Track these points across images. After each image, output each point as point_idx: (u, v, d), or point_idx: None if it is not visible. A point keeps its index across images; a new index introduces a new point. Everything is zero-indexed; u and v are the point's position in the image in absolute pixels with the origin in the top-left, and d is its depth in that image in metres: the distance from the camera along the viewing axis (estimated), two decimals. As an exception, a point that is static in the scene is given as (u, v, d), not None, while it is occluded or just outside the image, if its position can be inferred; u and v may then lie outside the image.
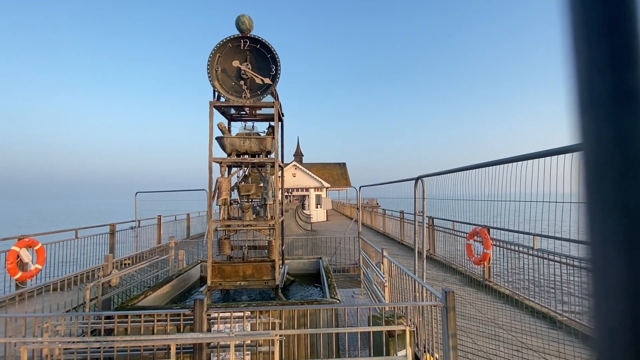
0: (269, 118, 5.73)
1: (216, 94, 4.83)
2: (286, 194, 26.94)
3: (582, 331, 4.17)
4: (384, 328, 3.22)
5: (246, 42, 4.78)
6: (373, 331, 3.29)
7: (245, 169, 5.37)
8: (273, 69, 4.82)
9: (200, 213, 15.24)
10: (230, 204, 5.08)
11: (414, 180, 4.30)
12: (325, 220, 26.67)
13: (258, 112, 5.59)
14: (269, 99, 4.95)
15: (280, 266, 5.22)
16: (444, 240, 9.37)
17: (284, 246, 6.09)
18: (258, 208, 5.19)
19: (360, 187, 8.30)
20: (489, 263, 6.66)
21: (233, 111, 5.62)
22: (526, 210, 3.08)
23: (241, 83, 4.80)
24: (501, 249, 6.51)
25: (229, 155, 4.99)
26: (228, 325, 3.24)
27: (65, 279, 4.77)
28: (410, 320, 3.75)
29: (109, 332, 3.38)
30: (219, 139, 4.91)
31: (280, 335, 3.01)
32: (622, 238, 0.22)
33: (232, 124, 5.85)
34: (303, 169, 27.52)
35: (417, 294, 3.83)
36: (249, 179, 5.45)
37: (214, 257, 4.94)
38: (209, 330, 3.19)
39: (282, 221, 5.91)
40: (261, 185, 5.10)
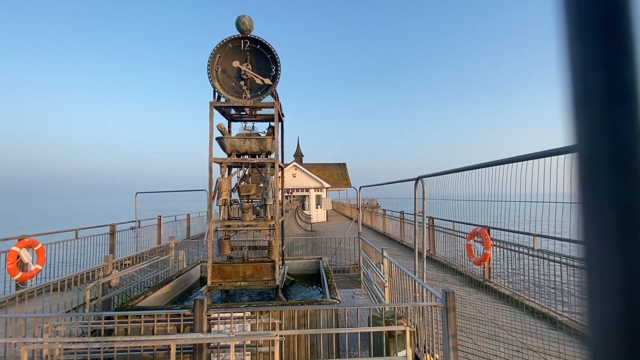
0: (269, 118, 5.73)
1: (216, 94, 4.84)
2: (286, 194, 26.94)
3: (583, 332, 4.16)
4: (384, 328, 3.22)
5: (246, 43, 4.78)
6: (373, 331, 3.29)
7: (246, 169, 5.37)
8: (273, 70, 4.82)
9: (200, 213, 15.25)
10: (231, 204, 5.09)
11: (414, 181, 4.30)
12: (326, 220, 26.67)
13: (258, 113, 5.60)
14: (269, 99, 4.95)
15: (281, 266, 5.21)
16: (444, 241, 9.36)
17: (284, 246, 6.09)
18: (258, 208, 5.19)
19: (360, 188, 8.30)
20: (489, 263, 6.66)
21: (233, 111, 5.63)
22: (526, 211, 3.08)
23: (241, 83, 4.80)
24: (501, 250, 6.50)
25: (229, 155, 5.00)
26: (228, 326, 3.24)
27: (66, 279, 4.77)
28: (411, 321, 3.75)
29: (109, 333, 3.38)
30: (219, 140, 4.91)
31: (280, 336, 3.01)
32: (616, 236, 0.22)
33: (232, 124, 5.85)
34: (303, 169, 27.53)
35: (417, 295, 3.83)
36: (249, 180, 5.45)
37: (214, 258, 4.94)
38: (209, 331, 3.19)
39: (282, 221, 5.91)
40: (261, 185, 5.10)
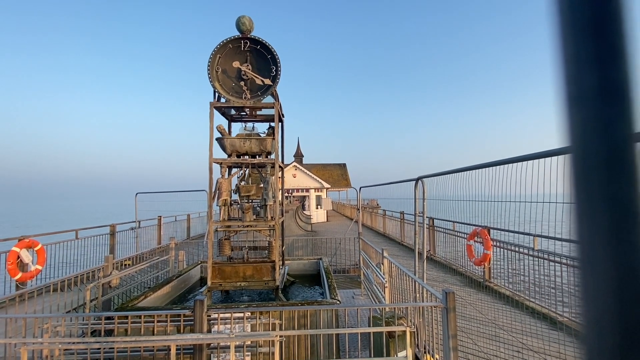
0: (269, 119, 5.74)
1: (216, 94, 4.84)
2: (286, 194, 26.94)
3: (579, 330, 4.16)
4: (384, 329, 3.21)
5: (246, 43, 4.79)
6: (373, 332, 3.29)
7: (246, 169, 5.37)
8: (273, 70, 4.83)
9: (200, 214, 15.25)
10: (231, 204, 5.09)
11: (414, 181, 4.30)
12: (326, 221, 26.67)
13: (258, 113, 5.60)
14: (269, 99, 4.96)
15: (281, 267, 5.21)
16: (444, 241, 9.36)
17: (284, 247, 6.09)
18: (258, 209, 5.19)
19: (360, 188, 8.30)
20: (489, 264, 6.65)
21: (233, 112, 5.63)
22: (526, 211, 3.08)
23: (241, 84, 4.80)
24: (501, 250, 6.50)
25: (229, 156, 5.00)
26: (228, 326, 3.24)
27: (66, 279, 4.77)
28: (411, 321, 3.75)
29: (109, 333, 3.39)
30: (219, 140, 4.92)
31: (280, 336, 3.00)
32: (609, 235, 0.23)
33: (233, 124, 5.86)
34: (303, 169, 27.53)
35: (418, 295, 3.82)
36: (249, 180, 5.45)
37: (214, 258, 4.94)
38: (209, 331, 3.19)
39: (282, 222, 5.91)
40: (261, 186, 5.10)
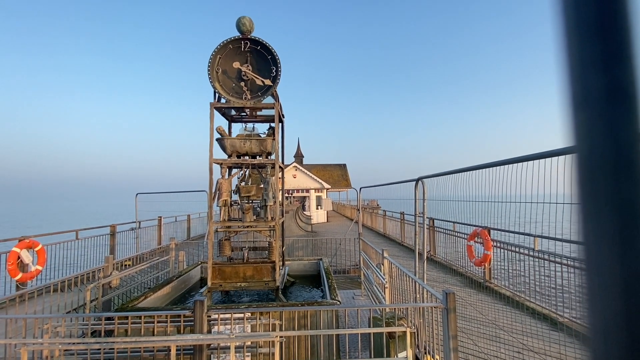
0: (269, 119, 5.74)
1: (217, 95, 4.84)
2: (286, 195, 26.94)
3: (583, 333, 4.16)
4: (385, 329, 3.21)
5: (247, 44, 4.79)
6: (373, 332, 3.29)
7: (246, 170, 5.37)
8: (273, 70, 4.83)
9: (200, 214, 15.25)
10: (231, 205, 5.09)
11: (415, 182, 4.30)
12: (326, 221, 26.66)
13: (258, 114, 5.60)
14: (269, 100, 4.96)
15: (281, 267, 5.21)
16: (444, 242, 9.35)
17: (284, 247, 6.09)
18: (258, 209, 5.19)
19: (360, 189, 8.30)
20: (490, 264, 6.65)
21: (233, 112, 5.63)
22: (527, 212, 3.08)
23: (242, 84, 4.81)
24: (502, 250, 6.49)
25: (230, 156, 5.00)
26: (228, 327, 3.23)
27: (66, 280, 4.77)
28: (411, 322, 3.75)
29: (109, 334, 3.38)
30: (219, 140, 4.92)
31: (280, 337, 3.00)
32: (616, 236, 0.22)
33: (233, 125, 5.86)
34: (303, 170, 27.53)
35: (418, 296, 3.82)
36: (250, 181, 5.45)
37: (215, 259, 4.94)
38: (209, 332, 3.18)
39: (283, 222, 5.90)
40: (261, 186, 5.10)
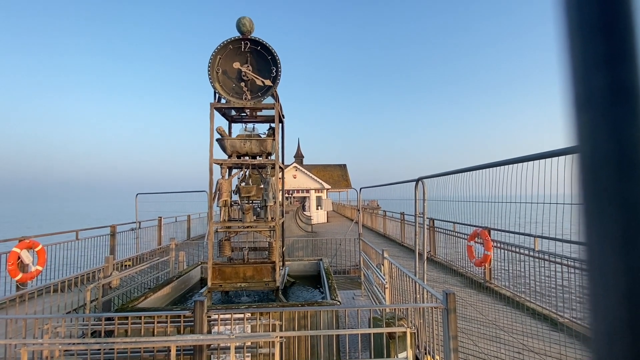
0: (269, 119, 5.74)
1: (217, 95, 4.84)
2: (287, 195, 26.94)
3: (584, 333, 4.16)
4: (385, 330, 3.21)
5: (247, 44, 4.79)
6: (374, 333, 3.28)
7: (246, 170, 5.37)
8: (273, 71, 4.83)
9: (200, 214, 15.24)
10: (231, 205, 5.08)
11: (415, 182, 4.30)
12: (326, 221, 26.66)
13: (258, 114, 5.60)
14: (269, 100, 4.96)
15: (281, 268, 5.21)
16: (444, 242, 9.35)
17: (284, 248, 6.09)
18: (258, 209, 5.19)
19: (360, 189, 8.29)
20: (490, 265, 6.64)
21: (234, 113, 5.63)
22: (527, 212, 3.08)
23: (242, 85, 4.81)
24: (502, 251, 6.49)
25: (230, 156, 5.00)
26: (228, 327, 3.23)
27: (66, 280, 4.77)
28: (411, 322, 3.74)
29: (109, 334, 3.38)
30: (219, 141, 4.92)
31: (280, 337, 3.00)
32: (619, 237, 0.22)
33: (233, 125, 5.86)
34: (304, 170, 27.54)
35: (418, 296, 3.82)
36: (250, 181, 5.45)
37: (215, 259, 4.94)
38: (209, 332, 3.18)
39: (283, 223, 5.90)
40: (262, 186, 5.10)
